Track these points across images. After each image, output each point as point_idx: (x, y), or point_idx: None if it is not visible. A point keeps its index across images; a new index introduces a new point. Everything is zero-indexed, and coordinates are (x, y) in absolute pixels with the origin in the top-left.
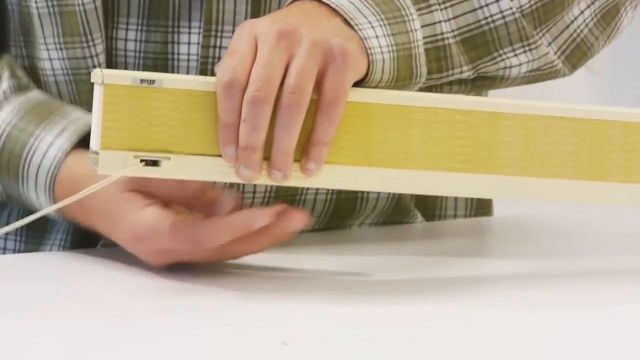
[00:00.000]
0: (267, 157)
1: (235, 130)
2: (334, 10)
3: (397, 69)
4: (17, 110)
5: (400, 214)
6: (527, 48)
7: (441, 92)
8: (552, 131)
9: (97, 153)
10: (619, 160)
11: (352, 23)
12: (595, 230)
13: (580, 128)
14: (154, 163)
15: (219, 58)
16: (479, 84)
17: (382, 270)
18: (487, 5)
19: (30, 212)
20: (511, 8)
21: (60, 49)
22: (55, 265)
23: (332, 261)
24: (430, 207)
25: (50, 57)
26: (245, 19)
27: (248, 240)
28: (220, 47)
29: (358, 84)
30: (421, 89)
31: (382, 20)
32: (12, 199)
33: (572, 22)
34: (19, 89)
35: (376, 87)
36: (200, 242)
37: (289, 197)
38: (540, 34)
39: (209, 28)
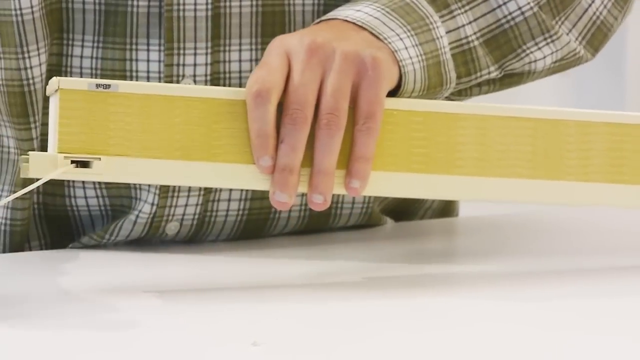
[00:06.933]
0: None
1: (268, 139)
2: (360, 26)
3: (428, 77)
4: None
5: (372, 222)
6: (549, 40)
7: (470, 94)
8: (508, 131)
9: (27, 158)
10: (576, 160)
11: (381, 37)
12: (564, 226)
13: (535, 128)
14: (85, 164)
15: (184, 75)
16: (507, 81)
17: (353, 271)
18: (504, 3)
19: None
20: (529, 3)
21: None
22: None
23: (304, 262)
24: (401, 213)
25: None
26: (206, 35)
27: None
28: (184, 65)
29: (391, 95)
30: (451, 94)
31: (409, 31)
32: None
33: (590, 5)
34: None
35: (409, 97)
36: None
37: (262, 214)
38: (560, 23)
39: (171, 47)
